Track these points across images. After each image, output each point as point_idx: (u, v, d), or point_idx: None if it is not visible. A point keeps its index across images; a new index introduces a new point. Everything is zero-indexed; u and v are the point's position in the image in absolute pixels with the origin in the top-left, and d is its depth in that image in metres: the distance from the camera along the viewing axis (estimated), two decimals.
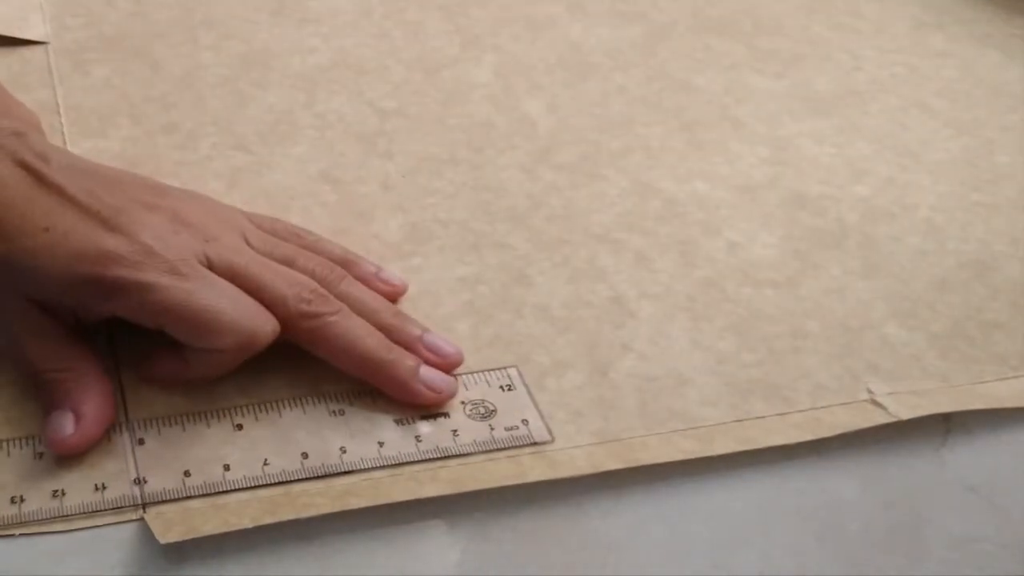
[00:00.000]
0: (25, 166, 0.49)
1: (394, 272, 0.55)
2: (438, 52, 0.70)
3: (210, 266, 0.48)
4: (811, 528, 0.47)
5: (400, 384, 0.49)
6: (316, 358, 0.50)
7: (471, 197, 0.60)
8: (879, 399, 0.51)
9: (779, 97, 0.69)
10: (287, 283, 0.49)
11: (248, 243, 0.51)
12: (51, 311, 0.48)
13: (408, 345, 0.50)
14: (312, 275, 0.51)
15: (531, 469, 0.47)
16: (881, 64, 0.72)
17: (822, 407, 0.51)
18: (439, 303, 0.54)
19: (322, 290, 0.50)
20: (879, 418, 0.50)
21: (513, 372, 0.51)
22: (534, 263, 0.57)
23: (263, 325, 0.48)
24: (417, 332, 0.51)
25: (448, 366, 0.51)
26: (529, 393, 0.51)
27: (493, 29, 0.72)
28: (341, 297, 0.50)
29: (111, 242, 0.47)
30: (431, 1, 0.74)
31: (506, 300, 0.55)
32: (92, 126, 0.63)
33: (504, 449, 0.48)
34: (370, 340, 0.50)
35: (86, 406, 0.47)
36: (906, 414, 0.50)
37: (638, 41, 0.72)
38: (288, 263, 0.51)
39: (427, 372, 0.50)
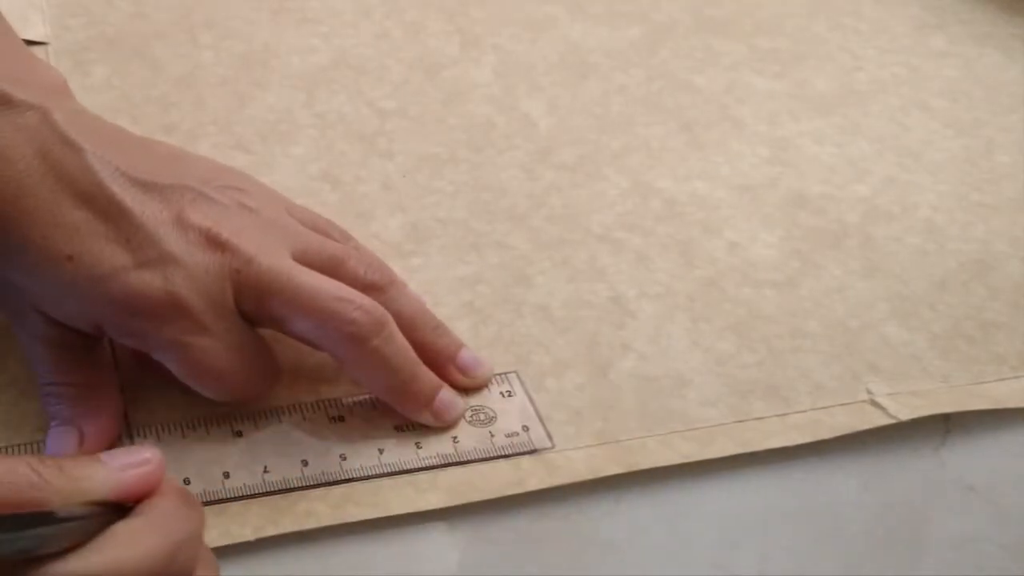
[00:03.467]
0: (50, 160, 0.46)
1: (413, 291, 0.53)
2: (438, 52, 0.70)
3: (237, 292, 0.46)
4: (811, 528, 0.47)
5: (410, 411, 0.49)
6: (316, 363, 0.50)
7: (471, 197, 0.60)
8: (879, 399, 0.51)
9: (779, 97, 0.69)
10: (330, 298, 0.46)
11: (291, 248, 0.48)
12: (64, 323, 0.47)
13: (439, 362, 0.49)
14: (359, 280, 0.48)
15: (530, 475, 0.47)
16: (881, 64, 0.72)
17: (822, 407, 0.51)
18: (439, 303, 0.54)
19: (368, 305, 0.47)
20: (879, 419, 0.50)
21: (513, 377, 0.51)
22: (534, 263, 0.57)
23: (268, 388, 0.48)
24: (452, 350, 0.50)
25: (476, 387, 0.50)
26: (530, 399, 0.50)
27: (493, 29, 0.72)
28: (385, 305, 0.48)
29: (139, 284, 0.45)
30: (431, 1, 0.74)
31: (506, 300, 0.55)
32: None
33: (504, 456, 0.48)
34: (403, 373, 0.48)
35: (91, 425, 0.46)
36: (906, 415, 0.50)
37: (638, 41, 0.72)
38: (337, 266, 0.48)
39: (443, 397, 0.49)
